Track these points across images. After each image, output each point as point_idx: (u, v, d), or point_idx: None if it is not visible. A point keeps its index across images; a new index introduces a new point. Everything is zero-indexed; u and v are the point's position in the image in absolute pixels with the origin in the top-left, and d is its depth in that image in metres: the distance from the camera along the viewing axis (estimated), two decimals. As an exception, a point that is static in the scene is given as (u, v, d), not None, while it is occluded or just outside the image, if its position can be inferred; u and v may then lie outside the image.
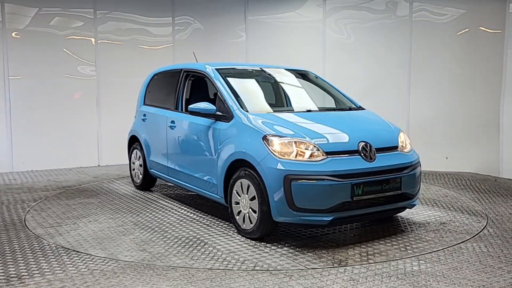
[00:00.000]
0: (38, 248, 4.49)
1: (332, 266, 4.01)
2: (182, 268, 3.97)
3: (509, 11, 7.84)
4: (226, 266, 4.01)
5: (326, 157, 4.43)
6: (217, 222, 5.35)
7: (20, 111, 8.72)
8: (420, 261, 4.13)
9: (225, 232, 4.99)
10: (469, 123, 8.49)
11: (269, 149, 4.49)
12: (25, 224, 5.28)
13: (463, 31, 8.47)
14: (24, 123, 8.76)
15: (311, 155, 4.43)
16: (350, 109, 5.68)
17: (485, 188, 7.16)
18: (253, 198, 4.63)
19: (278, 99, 6.07)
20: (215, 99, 5.50)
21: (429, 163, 8.70)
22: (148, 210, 5.93)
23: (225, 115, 5.13)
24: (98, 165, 9.38)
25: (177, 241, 4.72)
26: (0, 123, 8.59)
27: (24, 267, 3.99)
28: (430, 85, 8.77)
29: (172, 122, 6.13)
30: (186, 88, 6.21)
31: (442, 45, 8.62)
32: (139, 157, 7.07)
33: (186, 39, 10.04)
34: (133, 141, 7.32)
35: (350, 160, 4.49)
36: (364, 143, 4.62)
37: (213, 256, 4.27)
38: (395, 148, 4.88)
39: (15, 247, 4.51)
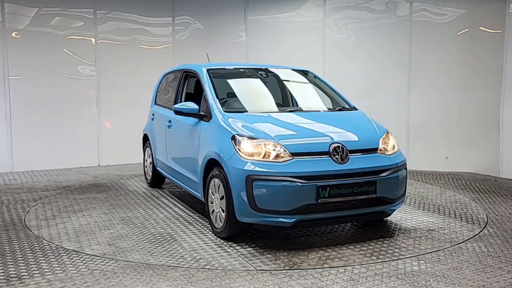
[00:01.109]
0: (38, 248, 4.49)
1: (283, 268, 3.98)
2: (182, 268, 3.97)
3: (509, 11, 7.84)
4: (178, 264, 4.07)
5: (291, 158, 4.37)
6: (200, 221, 5.40)
7: (20, 111, 8.72)
8: (420, 261, 4.13)
9: (202, 230, 5.05)
10: (469, 123, 8.49)
11: (235, 148, 4.50)
12: (25, 224, 5.28)
13: (463, 31, 8.47)
14: (24, 123, 8.76)
15: (276, 156, 4.37)
16: (341, 109, 5.57)
17: (485, 188, 7.16)
18: (222, 198, 4.64)
19: (264, 99, 5.89)
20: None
21: (429, 163, 8.73)
22: (143, 207, 6.10)
23: (206, 114, 5.19)
24: (98, 165, 9.38)
25: (150, 237, 4.85)
26: (0, 123, 8.59)
27: (24, 267, 3.99)
28: (430, 85, 8.77)
29: (169, 121, 6.29)
30: (184, 88, 6.31)
31: (442, 45, 8.62)
32: (150, 155, 7.30)
33: (186, 39, 10.04)
34: (146, 140, 7.56)
35: (318, 162, 4.39)
36: (336, 145, 4.51)
37: (173, 253, 4.35)
38: (374, 150, 4.71)
39: (15, 247, 4.51)
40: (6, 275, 3.83)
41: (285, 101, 5.86)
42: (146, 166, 7.54)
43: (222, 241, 4.69)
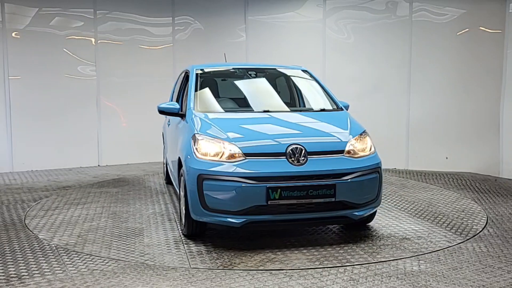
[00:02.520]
0: (38, 248, 4.49)
1: (217, 268, 3.98)
2: (182, 268, 3.97)
3: (509, 11, 7.84)
4: (121, 257, 4.22)
5: (244, 158, 4.33)
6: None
7: (20, 111, 8.72)
8: (420, 261, 4.13)
9: (174, 228, 5.15)
10: (469, 123, 8.49)
11: (193, 148, 4.53)
12: (25, 224, 5.28)
13: (463, 31, 8.47)
14: (24, 123, 8.76)
15: (229, 156, 4.36)
16: (323, 110, 5.42)
17: (485, 188, 7.16)
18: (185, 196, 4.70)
19: (242, 99, 5.86)
20: None
21: (429, 163, 8.73)
22: (143, 202, 6.35)
23: (184, 114, 5.29)
24: (98, 165, 9.38)
25: (121, 231, 5.03)
26: (0, 123, 8.59)
27: (24, 267, 3.99)
28: (430, 85, 8.77)
29: (169, 121, 6.58)
30: (185, 88, 6.31)
31: (442, 45, 8.62)
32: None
33: (186, 39, 10.04)
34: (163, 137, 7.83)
35: (271, 163, 4.32)
36: (295, 146, 4.41)
37: (126, 247, 4.50)
38: (339, 152, 4.55)
39: (15, 247, 4.51)
40: (6, 275, 3.83)
41: (266, 101, 5.72)
42: (164, 163, 7.81)
43: (184, 238, 4.76)
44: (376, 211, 5.00)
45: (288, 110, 5.44)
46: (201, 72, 5.82)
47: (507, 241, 4.69)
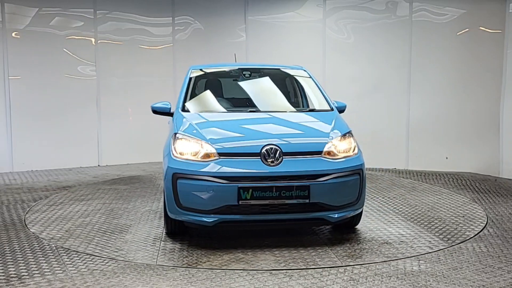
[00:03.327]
0: (38, 248, 4.49)
1: (181, 266, 4.02)
2: (182, 268, 3.97)
3: (509, 11, 7.84)
4: (99, 253, 4.32)
5: (218, 158, 4.36)
6: None
7: (20, 111, 8.71)
8: (420, 261, 4.13)
9: (160, 226, 5.19)
10: (469, 123, 8.49)
11: (172, 147, 4.60)
12: (25, 224, 5.28)
13: (463, 31, 8.47)
14: (24, 123, 8.76)
15: (204, 155, 4.39)
16: (312, 110, 5.41)
17: (485, 188, 7.16)
18: None
19: (230, 99, 5.90)
20: None
21: (429, 163, 8.73)
22: (146, 199, 6.47)
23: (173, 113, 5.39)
24: (98, 165, 9.39)
25: (107, 228, 5.17)
26: (0, 123, 8.59)
27: (24, 267, 3.99)
28: (430, 85, 8.77)
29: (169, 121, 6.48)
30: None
31: (442, 45, 8.62)
32: None
33: (186, 39, 10.04)
34: None
35: (245, 163, 4.33)
36: (270, 147, 4.38)
37: (105, 244, 4.60)
38: (317, 153, 4.48)
39: (15, 247, 4.51)
40: (6, 275, 3.83)
41: (256, 101, 5.66)
42: None
43: (165, 236, 4.84)
44: (361, 213, 4.91)
45: (275, 110, 5.39)
46: (196, 72, 5.90)
47: (507, 241, 4.69)
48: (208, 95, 5.74)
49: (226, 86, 5.98)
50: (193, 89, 5.63)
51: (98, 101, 9.39)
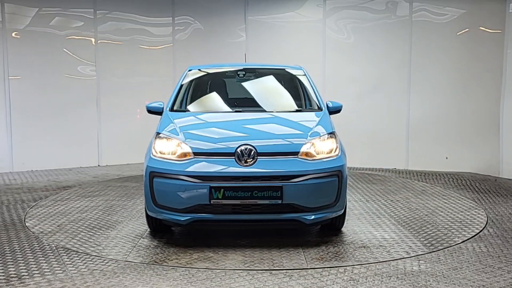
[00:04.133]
0: (38, 248, 4.49)
1: (148, 263, 4.01)
2: (182, 268, 3.97)
3: (509, 11, 7.84)
4: (77, 248, 4.35)
5: (192, 157, 4.40)
6: None
7: (20, 111, 8.72)
8: (420, 261, 4.13)
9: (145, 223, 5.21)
10: (469, 123, 8.49)
11: (152, 146, 4.69)
12: (25, 224, 5.28)
13: (463, 31, 8.47)
14: (24, 123, 8.76)
15: (181, 155, 4.44)
16: (300, 110, 5.33)
17: (485, 188, 7.16)
18: None
19: (218, 99, 5.90)
20: None
21: (429, 163, 8.73)
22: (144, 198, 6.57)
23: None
24: (98, 165, 9.39)
25: (97, 224, 5.29)
26: (0, 123, 8.59)
27: (24, 267, 3.99)
28: (430, 85, 8.78)
29: None
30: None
31: (442, 45, 8.62)
32: None
33: (186, 39, 10.04)
34: None
35: (218, 162, 4.35)
36: (245, 147, 4.37)
37: (87, 239, 4.73)
38: (293, 154, 4.43)
39: (15, 247, 4.51)
40: (6, 275, 3.83)
41: (243, 101, 5.69)
42: None
43: (148, 233, 4.93)
44: (344, 215, 4.82)
45: (261, 110, 5.37)
46: (192, 72, 5.97)
47: (507, 241, 4.69)
48: (198, 95, 5.81)
49: (219, 87, 6.05)
50: (186, 89, 5.71)
51: (98, 101, 9.39)
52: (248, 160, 4.34)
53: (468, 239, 4.74)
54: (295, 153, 4.45)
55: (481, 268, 3.96)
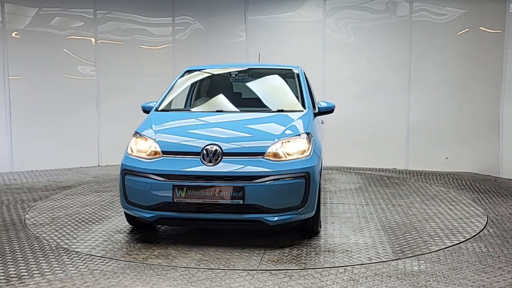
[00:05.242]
0: (38, 248, 4.49)
1: (119, 259, 4.11)
2: (182, 268, 3.97)
3: (509, 11, 7.84)
4: (56, 241, 4.40)
5: (161, 156, 4.51)
6: None
7: (20, 111, 8.72)
8: (420, 261, 4.13)
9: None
10: (469, 123, 8.50)
11: (129, 144, 4.82)
12: (25, 224, 5.28)
13: (463, 31, 8.47)
14: (24, 123, 8.76)
15: (151, 154, 4.56)
16: (281, 110, 5.22)
17: (485, 188, 7.16)
18: None
19: (204, 100, 5.94)
20: None
21: (429, 163, 8.74)
22: None
23: None
24: (98, 165, 9.39)
25: (87, 218, 5.47)
26: (0, 123, 8.59)
27: (24, 267, 3.99)
28: (430, 85, 8.78)
29: None
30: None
31: (442, 45, 8.63)
32: None
33: (186, 39, 10.05)
34: None
35: (184, 162, 4.41)
36: (211, 146, 4.40)
37: (68, 233, 4.88)
38: (259, 154, 4.40)
39: (15, 247, 4.51)
40: (6, 275, 3.83)
41: (228, 102, 5.67)
42: None
43: (129, 229, 5.05)
44: (317, 218, 4.71)
45: (243, 110, 5.35)
46: (187, 73, 6.06)
47: (507, 241, 4.69)
48: (187, 96, 5.95)
49: (212, 87, 6.11)
50: (178, 90, 5.82)
51: (98, 101, 9.39)
52: (212, 160, 4.38)
53: (468, 239, 4.74)
54: (261, 154, 4.42)
55: (481, 268, 3.96)
